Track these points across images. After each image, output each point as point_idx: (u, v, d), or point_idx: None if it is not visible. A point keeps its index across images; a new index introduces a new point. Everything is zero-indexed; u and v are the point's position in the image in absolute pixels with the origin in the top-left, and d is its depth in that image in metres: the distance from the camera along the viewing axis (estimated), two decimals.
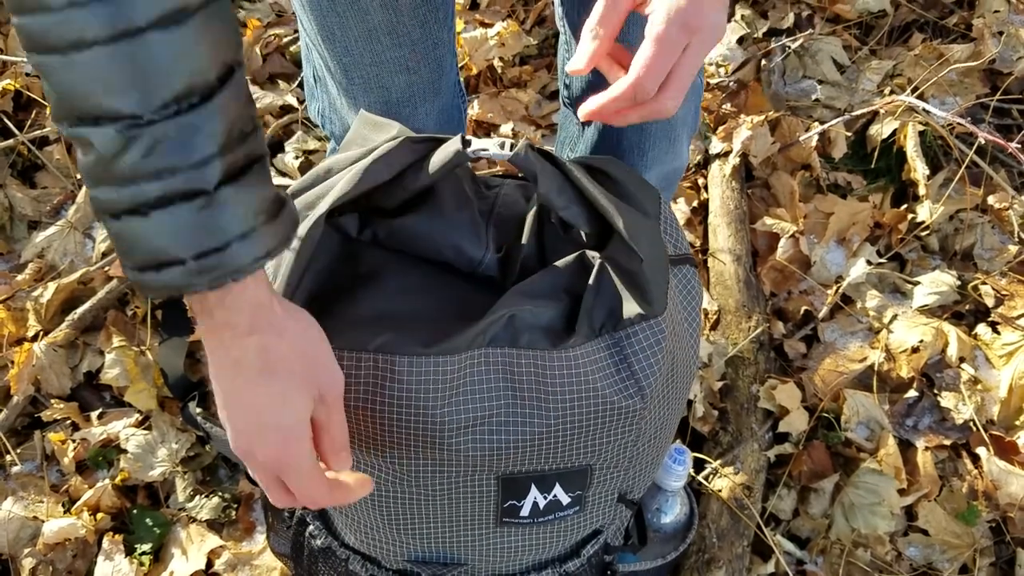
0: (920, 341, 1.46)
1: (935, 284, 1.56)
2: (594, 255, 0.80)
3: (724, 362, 1.47)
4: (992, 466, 1.36)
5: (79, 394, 1.50)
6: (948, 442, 1.41)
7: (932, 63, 1.83)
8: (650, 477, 0.93)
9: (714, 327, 1.53)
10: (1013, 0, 1.91)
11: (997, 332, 1.50)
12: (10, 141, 1.73)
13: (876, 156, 1.75)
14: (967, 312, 1.57)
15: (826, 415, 1.43)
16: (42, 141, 1.78)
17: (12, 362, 1.46)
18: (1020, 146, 1.55)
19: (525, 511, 0.84)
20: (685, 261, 0.88)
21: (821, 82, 1.90)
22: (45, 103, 1.78)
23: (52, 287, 1.55)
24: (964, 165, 1.66)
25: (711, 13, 0.67)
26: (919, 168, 1.67)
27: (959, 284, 1.56)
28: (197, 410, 1.38)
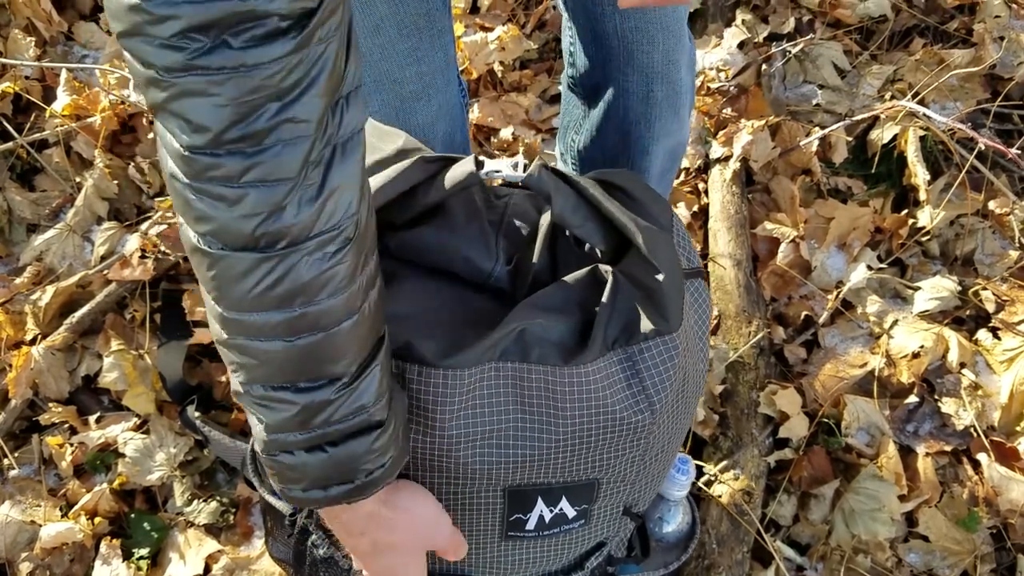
0: (921, 346, 1.46)
1: (936, 289, 1.55)
2: (607, 269, 0.80)
3: (724, 367, 1.46)
4: (993, 472, 1.36)
5: (77, 398, 1.50)
6: (949, 448, 1.41)
7: (933, 68, 1.83)
8: (655, 490, 0.92)
9: (714, 332, 1.52)
10: (1014, 5, 1.91)
11: (998, 338, 1.50)
12: (9, 144, 1.73)
13: (877, 161, 1.75)
14: (968, 317, 1.56)
15: (826, 420, 1.43)
16: (41, 144, 1.77)
17: (10, 365, 1.45)
18: (1021, 152, 1.55)
19: (531, 524, 0.83)
20: (697, 275, 0.88)
21: (822, 87, 1.90)
22: (44, 106, 1.78)
23: (51, 290, 1.55)
24: (965, 170, 1.65)
25: None
26: (920, 173, 1.67)
27: (960, 289, 1.56)
28: (195, 414, 1.38)
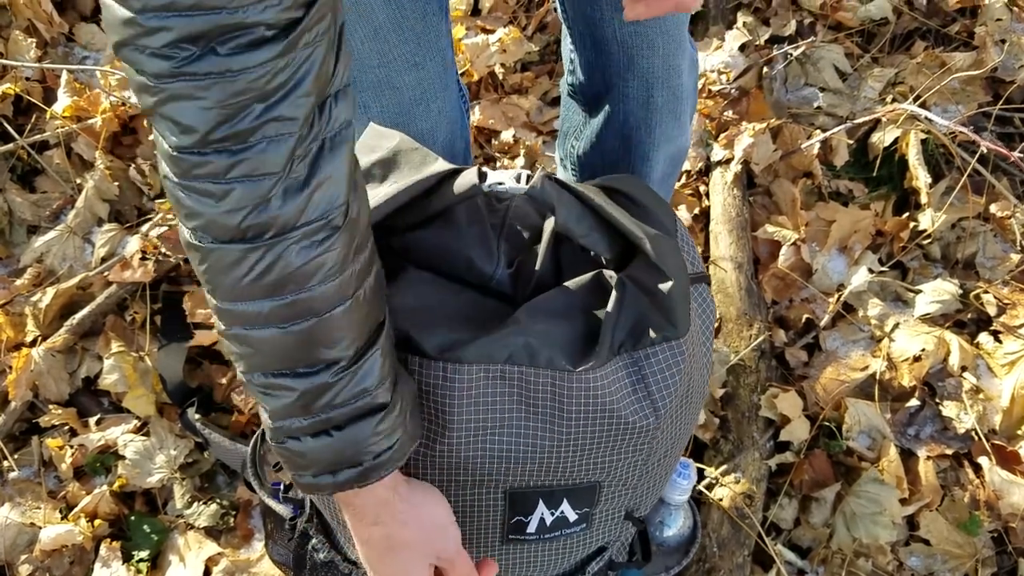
0: (922, 350, 1.46)
1: (937, 293, 1.55)
2: (611, 275, 0.80)
3: (725, 370, 1.46)
4: (994, 476, 1.35)
5: (77, 400, 1.50)
6: (950, 451, 1.40)
7: (934, 71, 1.83)
8: (658, 494, 0.92)
9: (715, 335, 1.52)
10: (1015, 8, 1.91)
11: (999, 341, 1.49)
12: (10, 145, 1.73)
13: (878, 164, 1.75)
14: (969, 321, 1.56)
15: (827, 424, 1.42)
16: (42, 145, 1.77)
17: (10, 367, 1.45)
18: (1023, 155, 1.55)
19: (531, 527, 0.83)
20: (701, 280, 0.88)
21: (823, 90, 1.90)
22: (45, 107, 1.78)
23: (51, 292, 1.55)
24: (966, 173, 1.65)
25: None
26: (921, 176, 1.66)
27: (961, 293, 1.56)
28: (196, 416, 1.38)
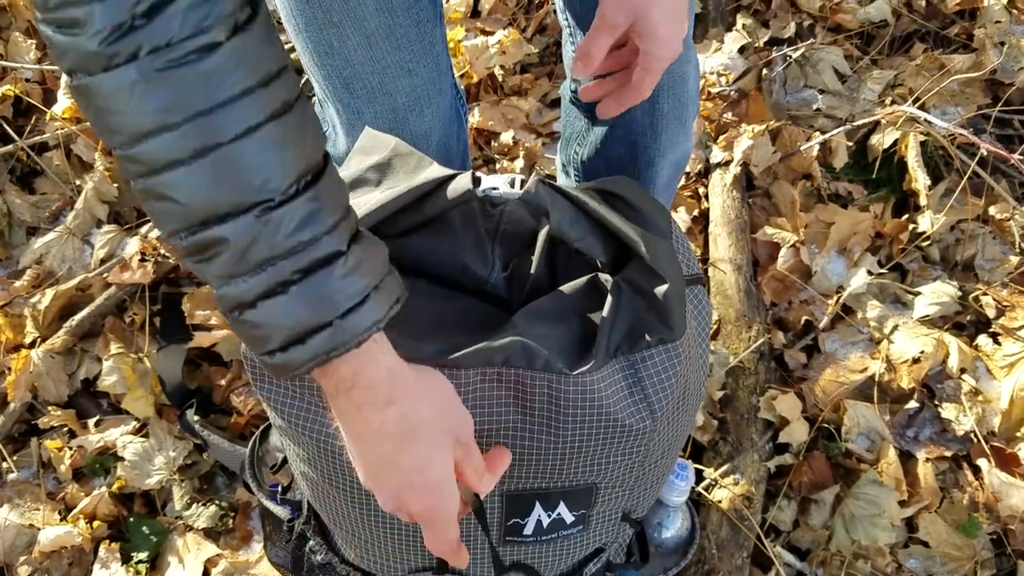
0: (921, 352, 1.46)
1: (936, 295, 1.55)
2: (607, 278, 0.80)
3: (724, 372, 1.46)
4: (993, 478, 1.35)
5: (76, 401, 1.50)
6: (949, 453, 1.40)
7: (933, 73, 1.83)
8: (655, 496, 0.93)
9: (714, 337, 1.52)
10: (1014, 11, 1.91)
11: (998, 343, 1.50)
12: (9, 147, 1.73)
13: (877, 166, 1.75)
14: (968, 323, 1.56)
15: (826, 426, 1.42)
16: (41, 147, 1.77)
17: (9, 369, 1.45)
18: (1023, 157, 1.55)
19: (528, 529, 0.83)
20: (697, 282, 0.88)
21: (822, 92, 1.90)
22: (44, 109, 1.78)
23: (50, 293, 1.55)
24: (966, 176, 1.65)
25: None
26: (920, 178, 1.67)
27: (960, 295, 1.56)
28: (195, 418, 1.38)
